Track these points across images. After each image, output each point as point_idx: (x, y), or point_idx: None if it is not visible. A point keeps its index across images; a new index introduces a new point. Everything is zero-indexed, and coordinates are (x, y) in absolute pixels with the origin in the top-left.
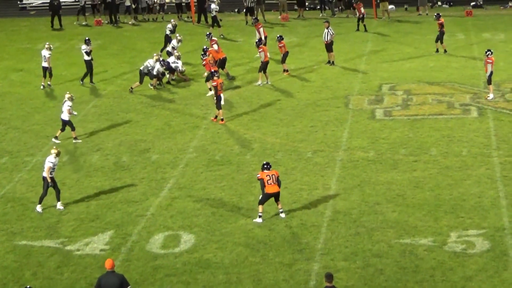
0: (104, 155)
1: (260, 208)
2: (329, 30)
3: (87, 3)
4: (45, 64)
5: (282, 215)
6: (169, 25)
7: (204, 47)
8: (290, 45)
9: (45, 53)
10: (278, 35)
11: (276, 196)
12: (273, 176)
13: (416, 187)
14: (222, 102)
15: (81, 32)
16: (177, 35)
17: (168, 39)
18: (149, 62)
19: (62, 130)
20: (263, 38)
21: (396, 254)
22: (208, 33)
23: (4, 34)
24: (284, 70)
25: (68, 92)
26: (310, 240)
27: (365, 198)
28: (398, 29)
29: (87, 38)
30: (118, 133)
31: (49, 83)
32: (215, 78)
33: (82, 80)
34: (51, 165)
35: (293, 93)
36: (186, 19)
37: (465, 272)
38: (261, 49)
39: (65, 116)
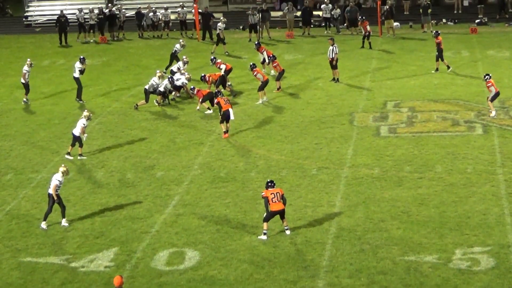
0: (109, 172)
1: (265, 225)
2: (334, 48)
3: (86, 20)
4: (22, 80)
5: (287, 232)
6: (177, 45)
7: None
8: (294, 62)
9: (25, 69)
10: (270, 55)
11: (281, 213)
12: (278, 194)
13: (421, 204)
14: (232, 117)
15: (86, 49)
16: (184, 57)
17: (174, 58)
18: (154, 80)
19: (72, 145)
20: (267, 59)
21: (401, 271)
22: (212, 57)
23: (10, 51)
24: (278, 88)
25: (87, 110)
26: (315, 257)
27: (369, 215)
28: (402, 46)
29: (82, 57)
30: (123, 150)
31: (24, 99)
32: (218, 97)
33: (79, 98)
34: (57, 183)
35: (297, 110)
36: (191, 36)
37: None
38: (255, 72)
39: (76, 131)
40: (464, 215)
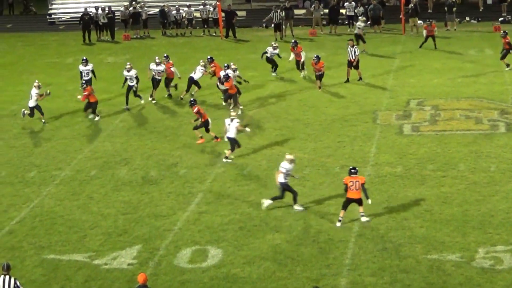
0: (132, 170)
1: (342, 212)
2: (356, 49)
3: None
4: (31, 103)
5: (363, 218)
6: (270, 48)
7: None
8: None
9: (33, 91)
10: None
11: (357, 202)
12: (357, 182)
13: (443, 202)
14: (210, 126)
15: (110, 47)
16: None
17: (271, 61)
18: (199, 69)
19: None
20: (302, 59)
21: (423, 270)
22: (209, 57)
23: (34, 48)
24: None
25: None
26: (338, 255)
27: (392, 214)
28: (426, 44)
29: (84, 58)
30: (146, 148)
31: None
32: (197, 105)
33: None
34: (283, 170)
35: (321, 108)
36: (213, 34)
37: None
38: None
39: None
40: (487, 213)
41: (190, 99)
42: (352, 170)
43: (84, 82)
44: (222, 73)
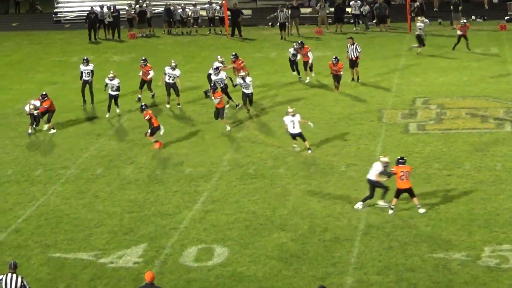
0: (137, 168)
1: (394, 201)
2: (357, 47)
3: (104, 17)
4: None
5: (421, 210)
6: (291, 49)
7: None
8: (324, 59)
9: (36, 103)
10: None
11: (409, 192)
12: (407, 172)
13: (449, 201)
14: (161, 132)
15: (115, 45)
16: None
17: (293, 63)
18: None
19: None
20: (310, 61)
21: (429, 269)
22: (235, 52)
23: (39, 46)
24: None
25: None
26: (344, 254)
27: (398, 212)
28: (431, 43)
29: (85, 58)
30: (152, 146)
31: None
32: (146, 111)
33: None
34: (376, 171)
35: (326, 106)
36: (219, 32)
37: (499, 287)
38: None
39: None
40: (493, 212)
41: (141, 104)
42: (401, 160)
43: (45, 93)
44: (217, 76)
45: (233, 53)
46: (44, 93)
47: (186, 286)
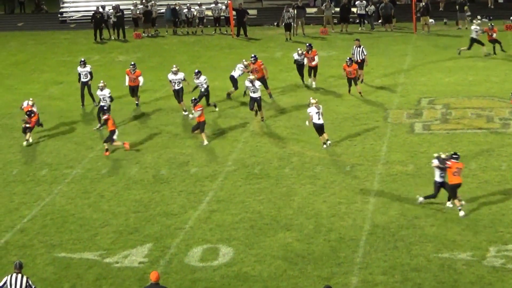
0: (143, 168)
1: (457, 201)
2: (363, 49)
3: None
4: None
5: (461, 213)
6: (295, 54)
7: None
8: (329, 59)
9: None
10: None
11: (458, 187)
12: (460, 169)
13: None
14: (115, 137)
15: (121, 45)
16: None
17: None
18: (239, 67)
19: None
20: (313, 63)
21: (434, 269)
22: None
23: (45, 46)
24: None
25: None
26: (349, 253)
27: (403, 212)
28: (437, 43)
29: (82, 60)
30: (157, 146)
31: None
32: (109, 115)
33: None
34: (438, 172)
35: (332, 106)
36: (225, 32)
37: (504, 287)
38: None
39: None
40: (499, 212)
41: (103, 107)
42: (455, 156)
43: (31, 110)
44: (198, 79)
45: (253, 55)
46: (30, 109)
47: (191, 286)
